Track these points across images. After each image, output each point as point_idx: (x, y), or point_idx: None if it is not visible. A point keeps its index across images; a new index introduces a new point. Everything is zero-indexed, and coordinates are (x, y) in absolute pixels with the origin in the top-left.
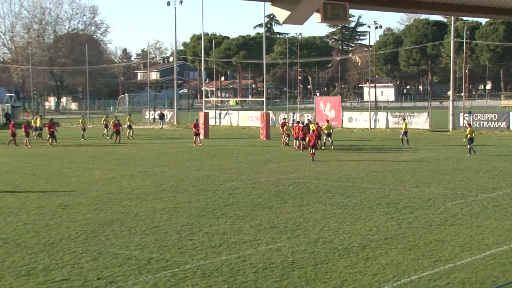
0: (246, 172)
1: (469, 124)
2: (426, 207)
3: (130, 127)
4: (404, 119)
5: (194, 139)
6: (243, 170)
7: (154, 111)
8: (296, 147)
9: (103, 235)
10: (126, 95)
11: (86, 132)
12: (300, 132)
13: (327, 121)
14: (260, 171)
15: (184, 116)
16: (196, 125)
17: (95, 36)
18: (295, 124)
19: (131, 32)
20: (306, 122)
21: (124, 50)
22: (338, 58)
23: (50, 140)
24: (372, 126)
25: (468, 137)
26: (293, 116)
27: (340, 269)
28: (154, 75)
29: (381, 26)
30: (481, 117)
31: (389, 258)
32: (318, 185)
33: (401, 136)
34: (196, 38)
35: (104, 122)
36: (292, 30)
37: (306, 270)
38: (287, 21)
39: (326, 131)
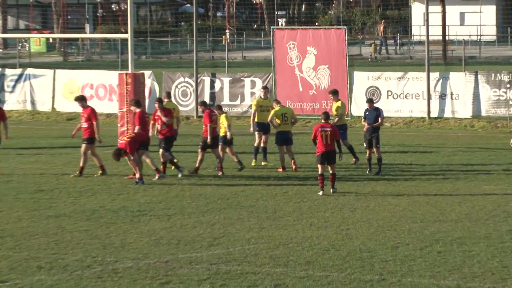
0: (76, 247)
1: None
2: None
3: None
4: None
5: None
6: (71, 240)
7: None
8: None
9: None
10: None
11: None
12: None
13: (278, 103)
14: (117, 244)
15: None
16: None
17: None
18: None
19: None
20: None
21: None
22: None
23: None
24: (435, 114)
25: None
26: (212, 86)
27: None
28: None
29: None
30: None
31: None
32: (284, 280)
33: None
34: None
35: None
36: None
37: None
38: None
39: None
